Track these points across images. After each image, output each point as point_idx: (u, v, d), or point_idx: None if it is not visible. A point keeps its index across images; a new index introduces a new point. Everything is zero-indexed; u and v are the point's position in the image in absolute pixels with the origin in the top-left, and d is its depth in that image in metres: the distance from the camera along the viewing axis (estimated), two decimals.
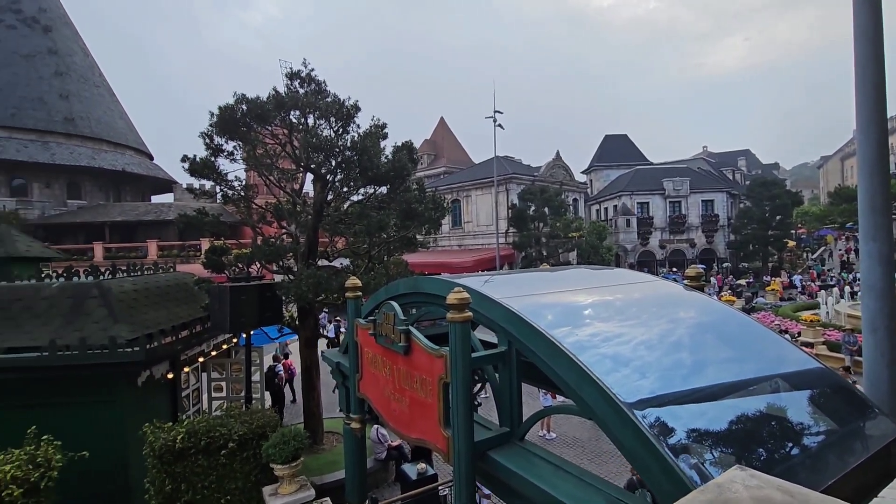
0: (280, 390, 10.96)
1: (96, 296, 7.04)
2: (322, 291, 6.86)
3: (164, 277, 8.92)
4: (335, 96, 7.54)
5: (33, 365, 5.97)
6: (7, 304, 6.81)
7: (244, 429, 6.22)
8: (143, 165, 36.13)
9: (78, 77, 34.37)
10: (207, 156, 7.72)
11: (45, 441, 5.36)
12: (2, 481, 4.91)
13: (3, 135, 29.60)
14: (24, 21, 33.55)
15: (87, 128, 32.76)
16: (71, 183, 31.90)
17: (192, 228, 8.59)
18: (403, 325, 3.69)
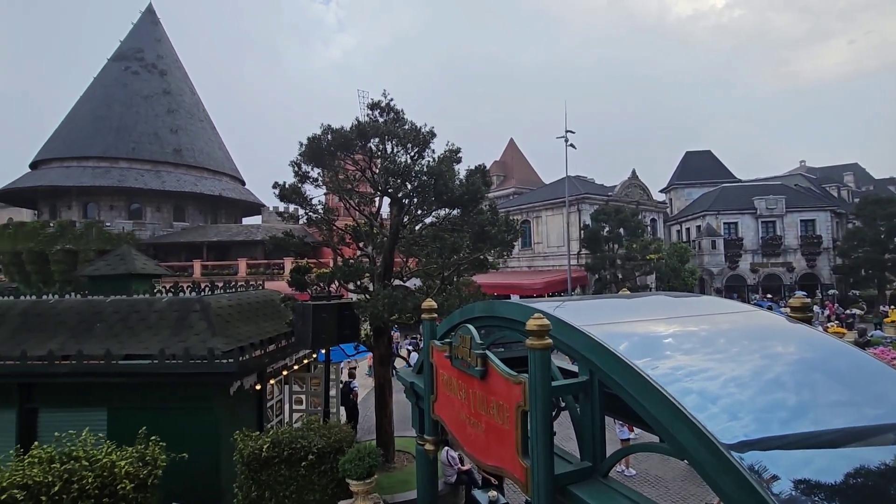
0: (354, 406, 11.32)
1: (198, 310, 7.77)
2: (397, 311, 7.07)
3: (255, 294, 9.64)
4: (412, 124, 7.89)
5: (146, 371, 6.68)
6: (126, 316, 7.72)
7: (322, 442, 6.48)
8: (236, 190, 39.68)
9: (186, 113, 38.78)
10: (295, 182, 8.35)
11: (153, 441, 5.94)
12: (117, 476, 5.49)
13: (126, 166, 33.97)
14: (146, 67, 38.63)
15: (191, 158, 36.72)
16: (177, 207, 35.74)
17: (280, 249, 9.24)
18: (480, 348, 3.70)
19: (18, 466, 5.33)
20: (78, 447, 5.71)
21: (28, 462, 5.38)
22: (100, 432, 6.59)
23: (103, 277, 8.92)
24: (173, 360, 6.62)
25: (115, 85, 37.07)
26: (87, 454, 5.59)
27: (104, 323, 7.67)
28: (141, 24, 40.97)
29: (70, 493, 5.29)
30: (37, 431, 7.18)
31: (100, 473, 5.45)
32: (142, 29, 40.68)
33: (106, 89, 36.96)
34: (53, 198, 34.13)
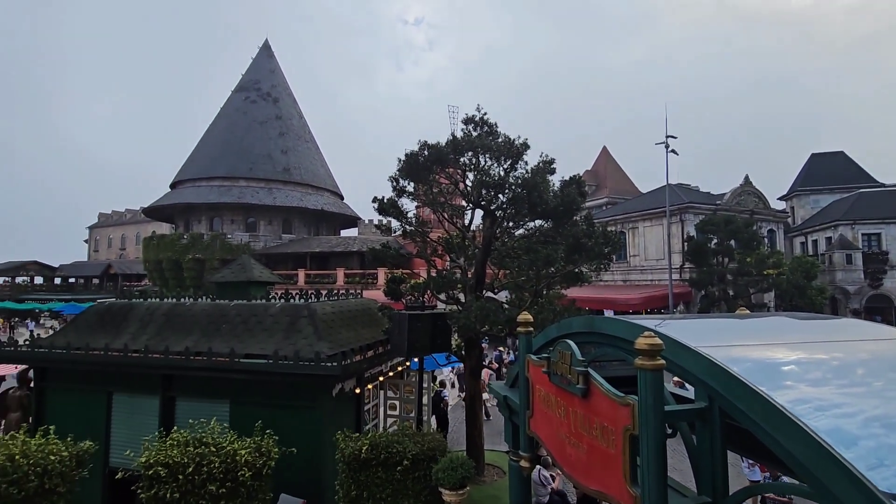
0: (445, 415, 11.49)
1: (306, 316, 8.42)
2: (489, 323, 7.08)
3: (354, 302, 10.22)
4: (505, 136, 7.94)
5: (262, 370, 7.36)
6: (246, 319, 8.59)
7: (417, 449, 6.63)
8: (336, 205, 42.63)
9: (294, 135, 42.63)
10: (393, 196, 8.78)
11: (268, 435, 6.51)
12: (238, 463, 6.09)
13: (244, 184, 38.10)
14: (262, 95, 43.20)
15: (298, 176, 40.19)
16: (285, 220, 39.26)
17: (378, 259, 9.73)
18: (582, 366, 3.57)
19: (161, 447, 6.13)
20: (207, 434, 6.44)
21: (169, 444, 6.17)
22: (223, 422, 7.39)
23: (227, 284, 10.04)
24: (285, 360, 7.22)
25: (237, 113, 41.91)
26: (214, 441, 6.28)
27: (228, 324, 8.61)
28: (258, 58, 46.01)
29: (201, 474, 5.96)
30: (174, 417, 8.21)
31: (224, 459, 6.08)
32: (259, 62, 45.67)
33: (229, 117, 41.93)
34: (187, 213, 39.26)
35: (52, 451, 5.75)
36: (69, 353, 8.38)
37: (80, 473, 6.11)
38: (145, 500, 5.89)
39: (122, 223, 74.48)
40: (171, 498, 5.83)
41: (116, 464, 8.26)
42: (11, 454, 5.51)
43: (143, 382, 8.26)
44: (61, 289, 59.29)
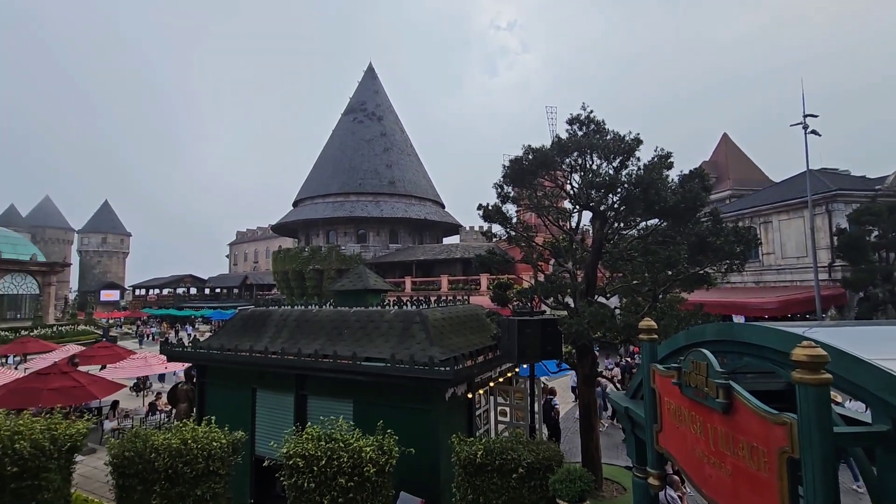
0: (556, 424, 11.17)
1: (418, 321, 8.77)
2: (604, 330, 6.75)
3: (462, 308, 10.42)
4: (615, 133, 7.55)
5: (380, 372, 7.82)
6: (365, 324, 9.20)
7: (532, 457, 6.53)
8: (437, 213, 43.98)
9: (398, 150, 44.93)
10: (497, 202, 8.82)
11: (388, 434, 6.88)
12: (364, 460, 6.52)
13: (355, 199, 41.02)
14: (367, 115, 46.25)
15: (402, 188, 42.23)
16: (392, 230, 41.44)
17: (483, 266, 9.82)
18: (722, 378, 3.24)
19: (299, 441, 6.79)
20: (336, 430, 7.00)
21: (304, 438, 6.81)
22: (348, 420, 7.97)
23: (346, 292, 10.85)
24: (401, 364, 7.58)
25: (346, 134, 45.37)
26: (342, 438, 6.80)
27: (349, 329, 9.29)
28: (364, 80, 49.41)
29: (332, 467, 6.49)
30: (307, 413, 9.05)
31: (351, 455, 6.54)
32: (364, 85, 49.02)
33: (340, 138, 45.54)
34: (307, 228, 43.30)
35: (214, 438, 6.67)
36: (222, 353, 9.69)
37: (235, 459, 7.00)
38: (287, 487, 6.55)
39: (254, 239, 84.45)
40: (308, 487, 6.42)
41: (261, 452, 9.32)
42: (185, 439, 6.50)
43: (281, 381, 9.24)
44: (209, 298, 69.00)
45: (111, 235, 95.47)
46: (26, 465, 6.02)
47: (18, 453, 5.95)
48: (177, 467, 6.24)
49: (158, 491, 6.19)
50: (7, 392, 11.41)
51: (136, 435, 6.46)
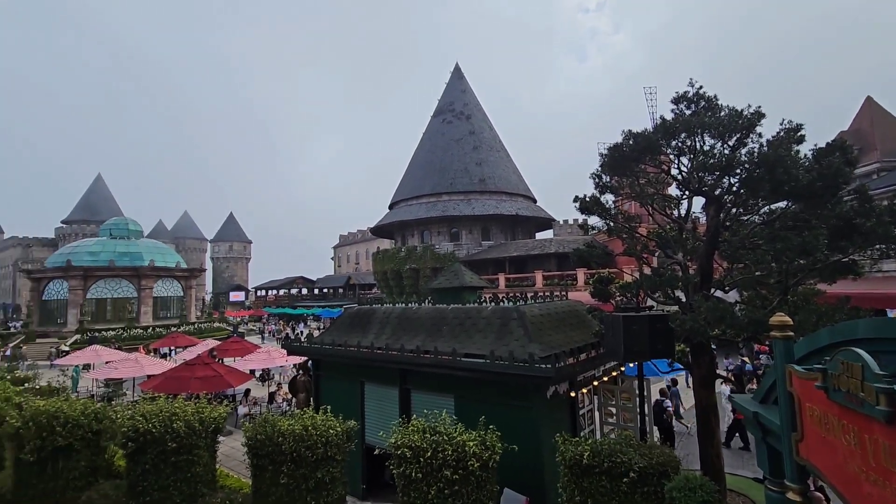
0: (669, 427, 10.39)
1: (516, 318, 8.70)
2: (724, 326, 6.11)
3: (560, 304, 10.13)
4: (730, 108, 6.79)
5: (480, 368, 7.88)
6: (463, 321, 9.33)
7: (644, 462, 6.14)
8: (529, 208, 43.24)
9: (486, 147, 44.95)
10: (595, 193, 8.41)
11: (491, 430, 6.91)
12: (467, 454, 6.62)
13: (446, 199, 41.83)
14: (456, 115, 46.86)
15: (492, 185, 42.19)
16: (484, 228, 41.60)
17: (582, 260, 9.44)
18: (884, 382, 2.76)
19: (405, 432, 7.09)
20: (439, 424, 7.19)
21: (411, 430, 7.10)
22: (450, 415, 8.15)
23: (444, 289, 11.10)
24: (500, 361, 7.57)
25: (436, 135, 46.40)
26: (446, 431, 6.97)
27: (448, 326, 9.50)
28: (451, 81, 50.16)
29: (437, 459, 6.69)
30: (411, 406, 9.42)
31: (455, 449, 6.68)
32: (452, 85, 49.74)
33: (431, 140, 46.71)
34: (403, 229, 45.08)
35: (330, 426, 7.21)
36: (333, 348, 10.46)
37: (349, 446, 7.51)
38: (396, 475, 6.88)
39: (355, 242, 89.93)
40: (416, 476, 6.68)
41: (371, 441, 9.90)
42: (305, 426, 7.11)
43: (386, 375, 9.73)
44: (318, 297, 74.93)
45: (236, 243, 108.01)
46: (182, 442, 7.02)
47: (176, 431, 6.97)
48: (300, 451, 6.85)
49: (286, 471, 6.85)
50: (164, 379, 13.43)
51: (266, 420, 7.21)
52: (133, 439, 6.85)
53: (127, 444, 6.92)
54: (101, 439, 7.76)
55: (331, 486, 7.02)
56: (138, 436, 6.84)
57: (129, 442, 6.88)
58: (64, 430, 7.18)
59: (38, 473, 7.19)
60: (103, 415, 7.74)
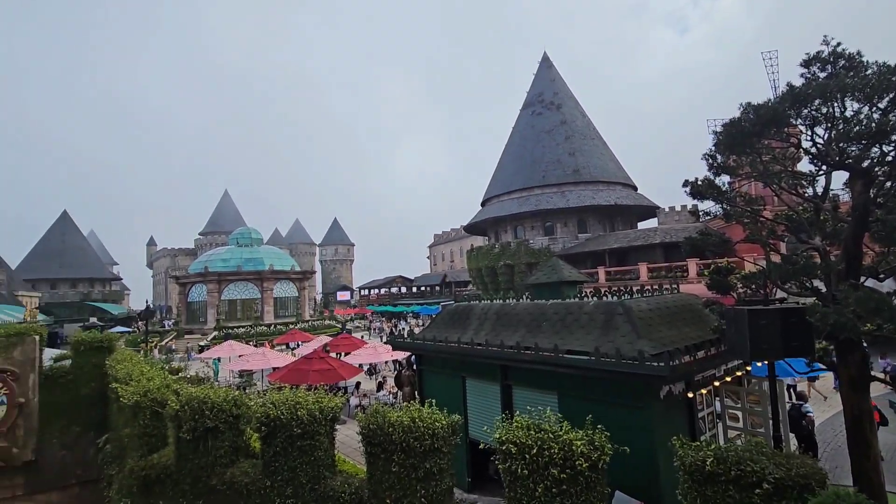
0: (810, 435, 9.13)
1: (621, 313, 8.25)
2: (883, 320, 5.21)
3: (671, 298, 9.41)
4: (880, 65, 5.75)
5: (584, 365, 7.60)
6: (563, 317, 9.08)
7: (780, 472, 5.47)
8: (629, 197, 40.74)
9: (580, 136, 43.21)
10: (709, 175, 7.66)
11: (599, 429, 6.63)
12: (575, 453, 6.42)
13: (539, 192, 40.96)
14: (545, 106, 45.66)
15: (587, 174, 40.44)
16: (580, 220, 40.05)
17: (695, 249, 8.68)
18: None
19: (509, 428, 7.08)
20: (544, 421, 7.07)
21: (515, 426, 7.07)
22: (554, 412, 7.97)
23: (542, 285, 10.89)
24: (606, 358, 7.24)
25: (526, 128, 45.63)
26: (551, 429, 6.83)
27: (548, 322, 9.30)
28: (539, 71, 48.97)
29: (543, 457, 6.58)
30: (512, 402, 9.39)
31: (561, 447, 6.52)
32: (540, 76, 48.55)
33: (520, 134, 46.05)
34: (496, 226, 45.05)
35: (436, 419, 7.44)
36: (434, 343, 10.78)
37: (454, 439, 7.70)
38: (502, 470, 6.90)
39: (449, 240, 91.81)
40: (522, 473, 6.63)
41: (474, 436, 10.06)
42: (413, 417, 7.42)
43: (486, 370, 9.80)
44: (416, 295, 77.75)
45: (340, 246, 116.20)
46: (305, 429, 7.72)
47: (300, 419, 7.68)
48: (409, 441, 7.17)
49: (396, 460, 7.21)
50: (287, 371, 14.90)
51: (377, 411, 7.65)
52: (265, 424, 7.69)
53: (260, 428, 7.79)
54: (240, 423, 8.80)
55: (439, 477, 7.25)
56: (269, 421, 7.66)
57: (262, 426, 7.74)
58: (211, 414, 8.28)
59: (194, 450, 8.37)
60: (241, 401, 8.78)
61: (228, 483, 7.95)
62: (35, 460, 13.87)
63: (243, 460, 8.54)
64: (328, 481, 7.63)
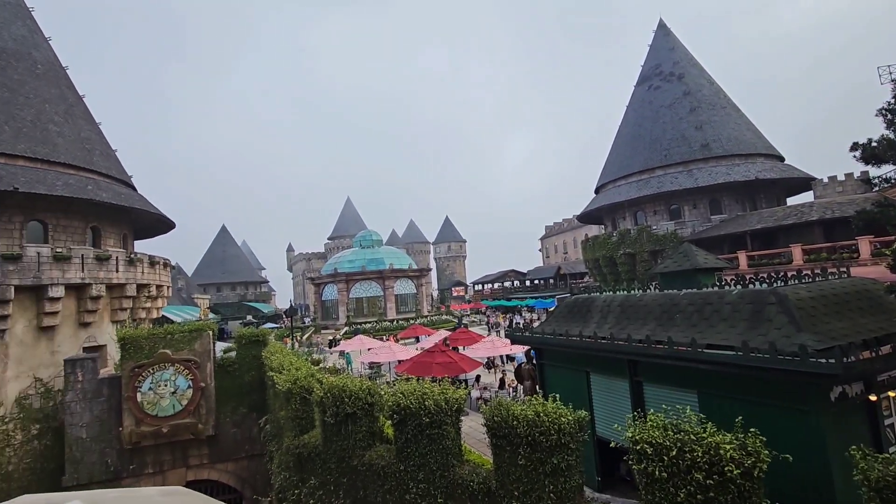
0: None
1: (774, 302, 7.22)
2: None
3: (839, 284, 7.99)
4: None
5: (731, 361, 6.79)
6: (701, 308, 8.23)
7: None
8: (774, 169, 35.45)
9: (707, 106, 38.72)
10: (889, 134, 6.31)
11: (753, 433, 5.88)
12: (723, 458, 5.78)
13: (661, 173, 37.59)
14: (664, 78, 41.72)
15: (719, 148, 36.09)
16: (712, 200, 35.93)
17: (871, 224, 7.24)
18: None
19: (643, 428, 6.62)
20: (683, 422, 6.48)
21: (650, 425, 6.59)
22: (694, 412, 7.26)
23: (671, 273, 9.99)
24: (758, 353, 6.39)
25: (642, 105, 42.18)
26: (692, 430, 6.23)
27: (682, 314, 8.51)
28: (655, 41, 44.90)
29: (684, 460, 6.03)
30: (644, 399, 8.78)
31: (706, 451, 5.91)
32: (656, 46, 44.49)
33: (636, 112, 42.72)
34: (612, 213, 42.47)
35: (561, 414, 7.26)
36: (554, 337, 10.52)
37: (582, 436, 7.44)
38: (637, 471, 6.48)
39: (561, 231, 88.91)
40: (660, 476, 6.16)
41: (602, 434, 9.61)
42: (537, 411, 7.33)
43: (612, 365, 9.30)
44: (529, 289, 76.69)
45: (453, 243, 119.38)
46: (433, 418, 8.07)
47: (427, 409, 8.05)
48: (534, 435, 7.10)
49: (522, 453, 7.19)
50: (412, 364, 15.74)
51: (500, 404, 7.70)
52: (397, 412, 8.20)
53: (393, 416, 8.33)
54: (374, 410, 9.52)
55: (567, 473, 7.06)
56: (400, 409, 8.16)
57: (394, 414, 8.27)
58: (350, 401, 9.08)
59: (337, 432, 9.27)
60: (374, 390, 9.49)
61: (367, 465, 8.63)
62: (214, 435, 16.55)
63: (379, 445, 9.21)
64: (456, 469, 7.87)
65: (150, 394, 15.47)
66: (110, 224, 22.94)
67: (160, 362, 15.65)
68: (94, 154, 22.74)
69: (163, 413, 15.55)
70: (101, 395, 15.56)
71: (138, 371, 15.42)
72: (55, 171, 19.98)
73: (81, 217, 21.11)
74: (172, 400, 15.72)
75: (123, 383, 15.41)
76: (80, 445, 15.29)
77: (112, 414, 15.52)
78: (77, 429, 15.30)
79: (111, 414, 15.53)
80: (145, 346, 15.88)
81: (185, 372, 15.91)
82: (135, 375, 15.38)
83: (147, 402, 15.41)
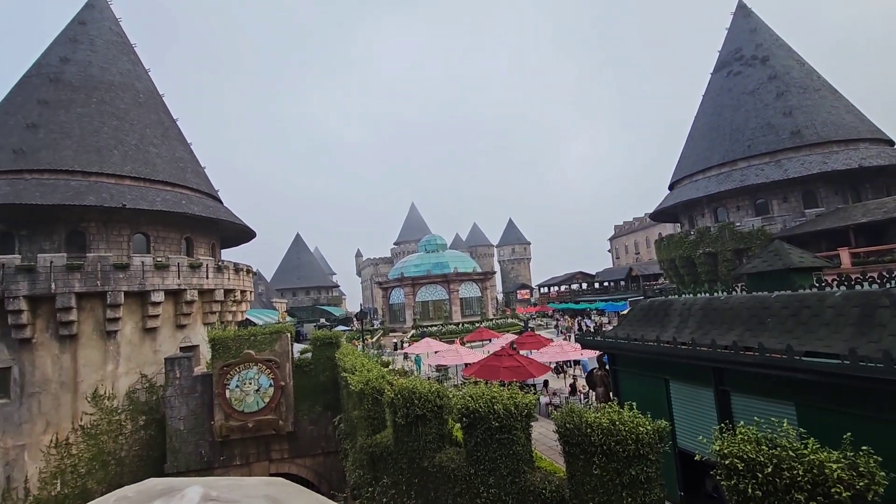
0: None
1: (887, 305, 6.39)
2: None
3: None
4: None
5: (837, 371, 6.10)
6: (797, 311, 7.47)
7: None
8: (882, 155, 31.52)
9: (797, 90, 35.31)
10: None
11: (865, 452, 5.23)
12: (829, 478, 5.19)
13: (744, 165, 34.78)
14: (745, 63, 38.61)
15: (813, 135, 32.74)
16: (805, 192, 32.63)
17: None
18: None
19: (733, 441, 6.11)
20: (778, 435, 5.90)
21: (740, 438, 6.07)
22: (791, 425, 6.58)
23: (761, 274, 9.17)
24: (871, 364, 5.68)
25: (721, 93, 39.28)
26: (790, 445, 5.66)
27: (774, 318, 7.78)
28: (734, 23, 41.75)
29: (782, 478, 5.49)
30: (731, 411, 8.11)
31: (808, 469, 5.35)
32: (735, 29, 41.33)
33: (713, 101, 39.87)
34: (689, 210, 39.86)
35: (639, 423, 6.89)
36: (629, 342, 10.02)
37: (662, 447, 7.01)
38: (726, 488, 5.99)
39: (632, 231, 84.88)
40: (754, 494, 5.66)
41: (684, 446, 9.02)
42: (612, 419, 7.01)
43: (694, 373, 8.68)
44: (598, 291, 73.82)
45: (517, 246, 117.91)
46: (502, 423, 7.98)
47: (497, 413, 7.98)
48: (610, 444, 6.79)
49: (597, 462, 6.90)
50: (480, 367, 15.71)
51: (572, 410, 7.46)
52: (466, 415, 8.20)
53: (462, 420, 8.35)
54: (444, 413, 9.60)
55: (647, 486, 6.68)
56: (469, 413, 8.15)
57: (463, 417, 8.28)
58: (419, 403, 9.22)
59: (407, 433, 9.45)
60: (443, 393, 9.57)
61: (438, 466, 8.71)
62: (293, 431, 17.53)
63: (448, 447, 9.27)
64: (527, 475, 7.73)
65: (237, 391, 16.71)
66: (201, 234, 25.14)
67: (245, 361, 16.87)
68: (187, 171, 25.07)
69: (248, 409, 16.73)
70: (196, 392, 17.05)
71: (227, 369, 16.72)
72: (155, 189, 22.27)
73: (177, 229, 23.32)
74: (256, 397, 16.87)
75: (214, 381, 16.77)
76: (178, 437, 16.84)
77: (205, 409, 16.95)
78: (176, 421, 16.87)
79: (204, 409, 16.96)
80: (232, 346, 17.19)
81: (267, 371, 17.02)
82: (224, 373, 16.69)
83: (234, 398, 16.67)
